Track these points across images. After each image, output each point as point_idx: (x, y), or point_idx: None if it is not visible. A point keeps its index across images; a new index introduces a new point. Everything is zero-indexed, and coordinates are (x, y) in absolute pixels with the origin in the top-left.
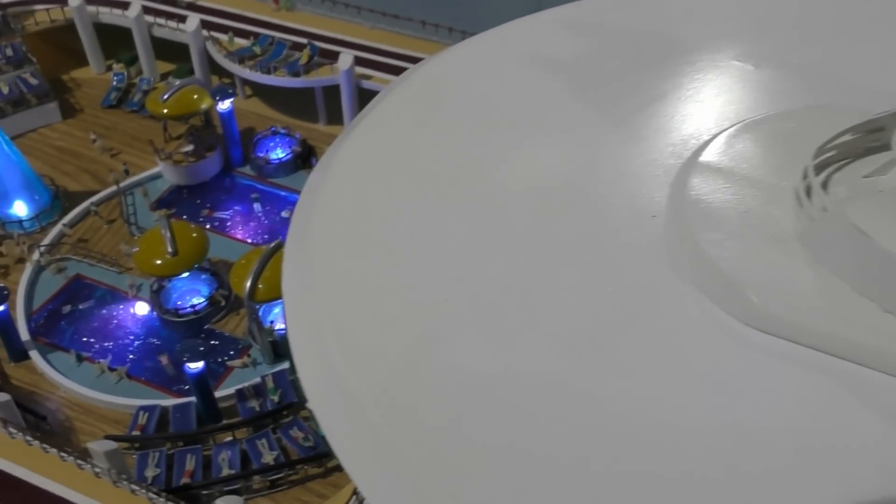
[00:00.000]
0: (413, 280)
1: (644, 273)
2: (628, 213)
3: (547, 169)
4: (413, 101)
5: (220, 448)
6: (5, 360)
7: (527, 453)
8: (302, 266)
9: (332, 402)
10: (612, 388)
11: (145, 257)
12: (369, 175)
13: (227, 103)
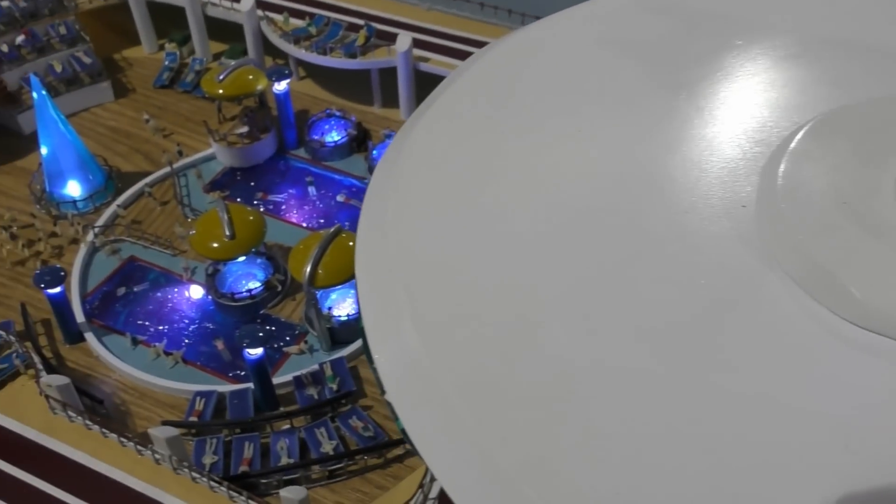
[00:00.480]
0: (496, 267)
1: (736, 266)
2: (716, 201)
3: (628, 155)
4: (487, 84)
5: (279, 436)
6: (60, 341)
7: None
8: (378, 252)
9: (413, 395)
10: (709, 385)
11: (202, 240)
12: (444, 158)
13: (284, 84)
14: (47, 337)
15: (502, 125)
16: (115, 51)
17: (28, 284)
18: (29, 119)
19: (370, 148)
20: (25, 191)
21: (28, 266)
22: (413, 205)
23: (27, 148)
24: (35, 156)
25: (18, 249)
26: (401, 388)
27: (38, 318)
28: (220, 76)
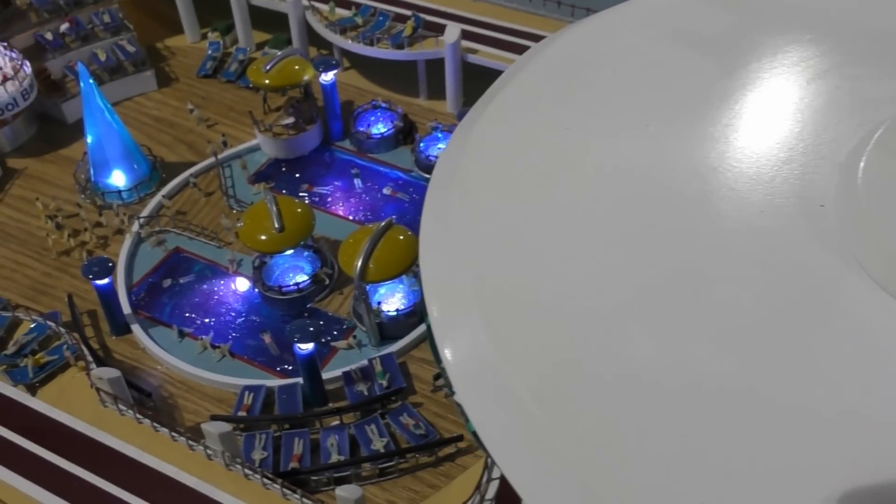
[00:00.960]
0: (566, 264)
1: (815, 266)
2: (793, 200)
3: (699, 152)
4: (552, 76)
5: (328, 432)
6: (106, 333)
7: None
8: (444, 246)
9: (485, 397)
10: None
11: (250, 232)
12: (510, 150)
13: (331, 75)
14: (93, 328)
15: (568, 118)
16: (157, 39)
17: (74, 275)
18: (73, 107)
19: (417, 140)
20: (70, 180)
21: (73, 256)
22: (480, 198)
23: (71, 137)
24: (79, 145)
25: (64, 239)
26: (471, 389)
27: (83, 308)
28: (266, 66)
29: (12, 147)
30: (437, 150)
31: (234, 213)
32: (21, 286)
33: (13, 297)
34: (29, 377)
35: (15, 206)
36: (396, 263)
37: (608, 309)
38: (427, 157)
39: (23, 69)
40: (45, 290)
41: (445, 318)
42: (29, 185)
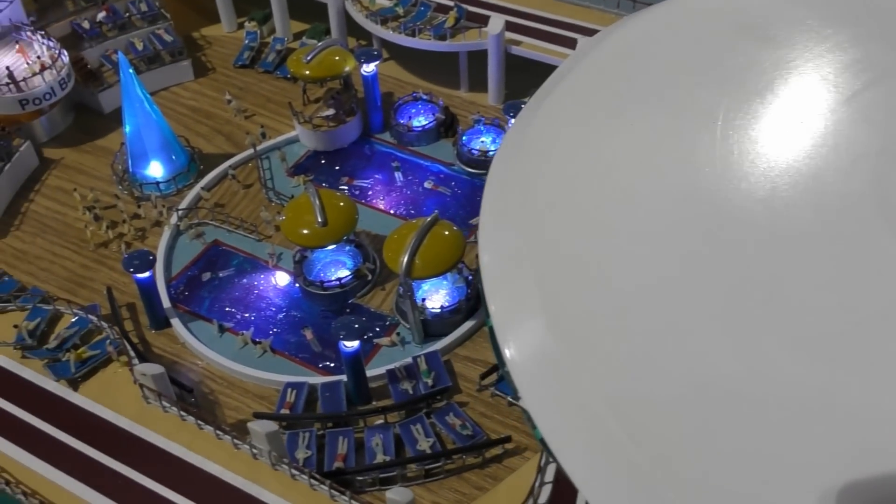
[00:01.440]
0: (635, 263)
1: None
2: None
3: (774, 149)
4: (613, 68)
5: (373, 431)
6: (146, 326)
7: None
8: (505, 243)
9: (553, 403)
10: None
11: (292, 226)
12: (573, 144)
13: (372, 66)
14: (132, 321)
15: (631, 114)
16: (193, 29)
17: (112, 267)
18: (109, 97)
19: (459, 133)
20: (107, 170)
21: (111, 248)
22: (542, 193)
23: (107, 126)
24: (116, 135)
25: (102, 231)
26: (538, 394)
27: (121, 302)
28: (307, 57)
29: (48, 137)
30: (479, 143)
31: (273, 206)
32: (59, 278)
33: (52, 290)
34: (71, 372)
35: (52, 197)
36: (443, 260)
37: (683, 312)
38: (470, 150)
39: (60, 58)
40: (83, 282)
41: (509, 320)
42: (66, 175)
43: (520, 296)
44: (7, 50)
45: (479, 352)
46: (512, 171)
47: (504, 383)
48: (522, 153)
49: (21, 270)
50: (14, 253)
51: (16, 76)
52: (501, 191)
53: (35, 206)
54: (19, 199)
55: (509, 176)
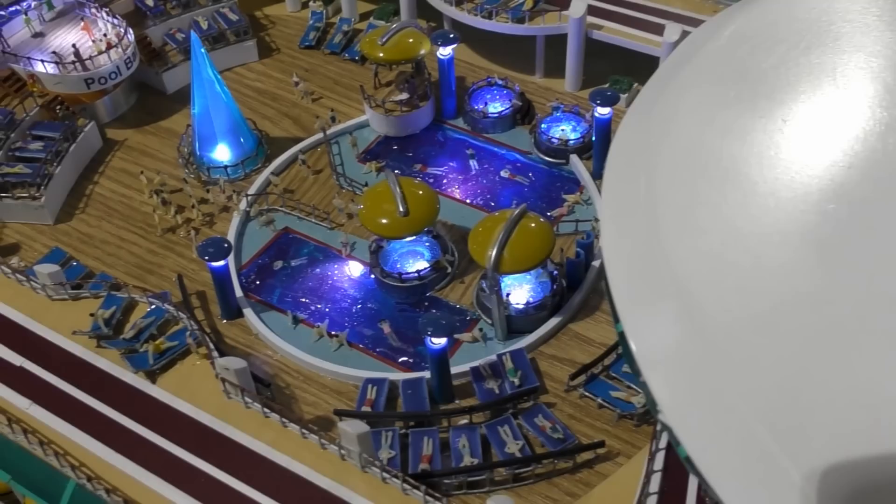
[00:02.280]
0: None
1: None
2: None
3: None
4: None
5: (459, 432)
6: (217, 316)
7: None
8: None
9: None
10: None
11: (371, 215)
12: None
13: (449, 50)
14: (203, 310)
15: (761, 102)
16: (256, 8)
17: (180, 253)
18: (173, 77)
19: (538, 121)
20: (172, 153)
21: (179, 233)
22: (674, 186)
23: (170, 107)
24: (180, 116)
25: (170, 216)
26: (682, 408)
27: (190, 289)
28: (381, 39)
29: (111, 118)
30: (559, 131)
31: (345, 193)
32: (127, 264)
33: (119, 275)
34: (149, 364)
35: (117, 179)
36: (533, 254)
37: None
38: (549, 139)
39: (126, 36)
40: (151, 268)
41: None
42: (130, 157)
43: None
44: (72, 27)
45: (565, 350)
46: (635, 161)
47: (594, 384)
48: (647, 144)
49: (88, 255)
50: (80, 237)
51: (81, 54)
52: (623, 180)
53: (100, 189)
54: (84, 181)
55: (633, 165)
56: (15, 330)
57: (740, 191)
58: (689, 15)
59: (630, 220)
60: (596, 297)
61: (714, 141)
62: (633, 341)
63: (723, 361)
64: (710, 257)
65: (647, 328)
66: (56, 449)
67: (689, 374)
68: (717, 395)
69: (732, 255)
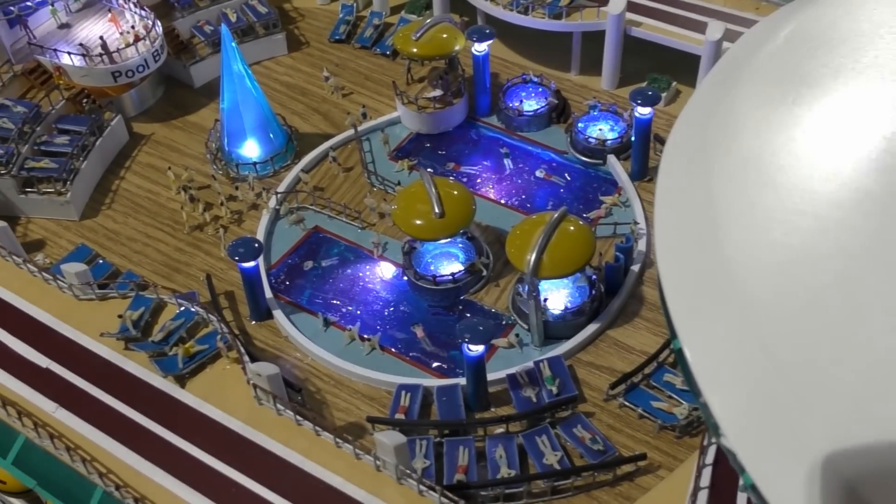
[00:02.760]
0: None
1: None
2: None
3: None
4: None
5: (495, 442)
6: (246, 317)
7: None
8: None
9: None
10: None
11: (405, 216)
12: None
13: (485, 46)
14: (231, 311)
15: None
16: (285, 0)
17: (208, 252)
18: (201, 71)
19: (574, 120)
20: (199, 148)
21: (207, 231)
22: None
23: (198, 101)
24: (207, 111)
25: (197, 213)
26: (747, 432)
27: (218, 289)
28: (416, 34)
29: (138, 111)
30: (596, 131)
31: (376, 192)
32: (154, 262)
33: (146, 274)
34: (178, 368)
35: (143, 174)
36: (573, 258)
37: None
38: (586, 138)
39: (154, 29)
40: (178, 266)
41: (705, 343)
42: (157, 151)
43: (718, 316)
44: (98, 18)
45: (604, 357)
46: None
47: (634, 393)
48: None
49: (114, 252)
50: (106, 234)
51: (108, 47)
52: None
53: (126, 184)
54: (109, 176)
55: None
56: (41, 330)
57: (806, 200)
58: (731, 12)
59: (687, 229)
60: (635, 302)
61: (775, 146)
62: (693, 359)
63: (793, 383)
64: (777, 273)
65: (709, 345)
66: (83, 455)
67: (756, 396)
68: (788, 419)
69: (800, 271)
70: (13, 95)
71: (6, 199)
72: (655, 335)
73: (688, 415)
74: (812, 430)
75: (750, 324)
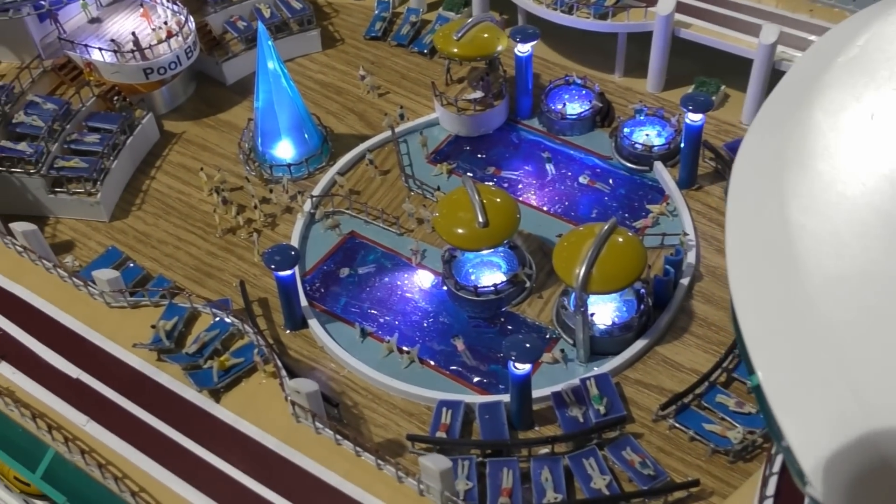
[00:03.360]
0: None
1: None
2: None
3: None
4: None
5: (541, 464)
6: (280, 326)
7: None
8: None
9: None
10: None
11: (447, 224)
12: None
13: (528, 47)
14: (265, 319)
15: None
16: None
17: (241, 256)
18: (233, 68)
19: (620, 124)
20: (232, 148)
21: (240, 235)
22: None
23: (230, 99)
24: (240, 109)
25: (230, 216)
26: (838, 482)
27: (251, 296)
28: (457, 33)
29: (168, 109)
30: (643, 136)
31: (414, 196)
32: (185, 266)
33: (177, 278)
34: (213, 381)
35: (174, 175)
36: (624, 273)
37: None
38: (632, 144)
39: (187, 24)
40: (210, 271)
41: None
42: (188, 151)
43: (801, 352)
44: (130, 13)
45: (652, 375)
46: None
47: (685, 415)
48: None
49: (145, 255)
50: (136, 236)
51: (140, 43)
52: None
53: (157, 185)
54: (140, 176)
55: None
56: (71, 339)
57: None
58: (784, 14)
59: (762, 256)
60: (684, 317)
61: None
62: (774, 399)
63: (887, 430)
64: (862, 308)
65: (792, 385)
66: (115, 472)
67: (848, 442)
68: (885, 473)
69: (888, 305)
70: (43, 92)
71: (35, 199)
72: (706, 352)
73: (742, 439)
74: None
75: (837, 363)
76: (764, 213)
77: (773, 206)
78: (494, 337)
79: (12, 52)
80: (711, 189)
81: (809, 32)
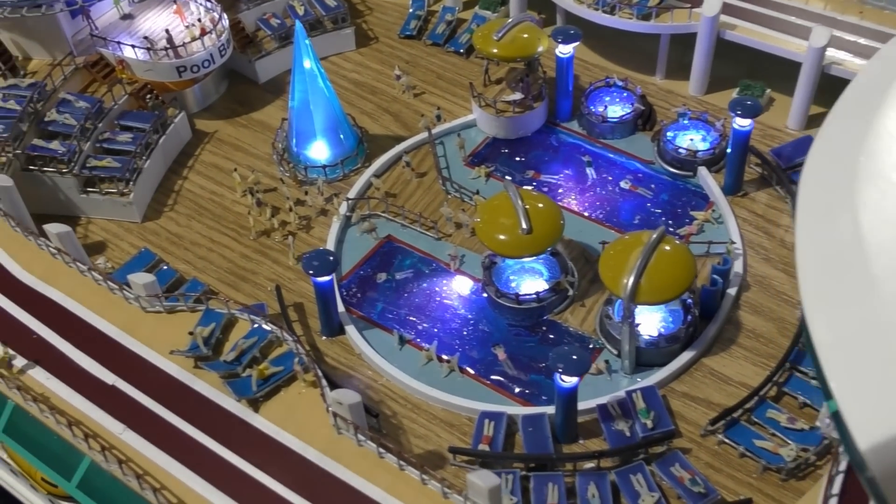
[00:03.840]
0: None
1: None
2: None
3: None
4: None
5: (587, 479)
6: (316, 332)
7: None
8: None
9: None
10: None
11: (489, 230)
12: None
13: (570, 48)
14: (301, 325)
15: None
16: None
17: (275, 259)
18: (266, 66)
19: (663, 128)
20: (265, 148)
21: (274, 237)
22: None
23: (263, 98)
24: (273, 108)
25: (265, 218)
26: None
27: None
28: (497, 34)
29: (200, 108)
30: (687, 141)
31: (452, 199)
32: (219, 269)
33: (211, 282)
34: (252, 390)
35: (207, 175)
36: (673, 283)
37: None
38: (676, 148)
39: (221, 22)
40: (245, 275)
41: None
42: (221, 150)
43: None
44: (162, 9)
45: (699, 388)
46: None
47: (735, 430)
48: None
49: (178, 258)
50: (169, 237)
51: (174, 40)
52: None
53: (189, 185)
54: (172, 176)
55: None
56: (107, 344)
57: None
58: (832, 16)
59: (840, 279)
60: (732, 328)
61: None
62: (855, 428)
63: None
64: None
65: (873, 411)
66: (152, 483)
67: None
68: None
69: None
70: (75, 89)
71: (67, 199)
72: (755, 365)
73: (795, 456)
74: None
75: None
76: (837, 230)
77: (846, 221)
78: (536, 346)
79: (44, 48)
80: (757, 196)
81: (859, 35)
